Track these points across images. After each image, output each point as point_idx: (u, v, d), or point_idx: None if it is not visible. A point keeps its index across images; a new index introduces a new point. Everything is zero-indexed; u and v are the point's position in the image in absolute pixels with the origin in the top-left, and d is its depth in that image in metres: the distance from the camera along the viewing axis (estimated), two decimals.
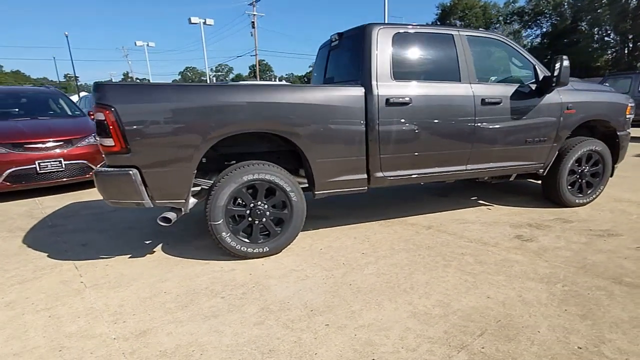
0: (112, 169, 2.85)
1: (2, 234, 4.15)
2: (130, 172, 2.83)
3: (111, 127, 2.72)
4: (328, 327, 2.26)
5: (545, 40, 37.30)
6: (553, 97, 3.97)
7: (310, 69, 30.84)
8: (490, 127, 3.77)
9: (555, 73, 3.66)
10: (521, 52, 3.98)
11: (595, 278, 2.76)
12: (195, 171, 3.02)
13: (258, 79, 41.20)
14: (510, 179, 4.41)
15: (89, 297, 2.69)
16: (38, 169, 5.49)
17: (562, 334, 2.13)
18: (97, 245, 3.74)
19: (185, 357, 2.03)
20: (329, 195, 3.52)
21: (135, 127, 2.77)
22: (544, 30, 38.43)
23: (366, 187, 3.58)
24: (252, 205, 3.18)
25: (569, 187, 4.32)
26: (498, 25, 41.82)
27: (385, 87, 3.38)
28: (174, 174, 2.94)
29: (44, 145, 5.60)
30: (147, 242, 3.78)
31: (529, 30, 40.66)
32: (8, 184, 5.39)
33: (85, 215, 4.72)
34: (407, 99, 3.42)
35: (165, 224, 3.07)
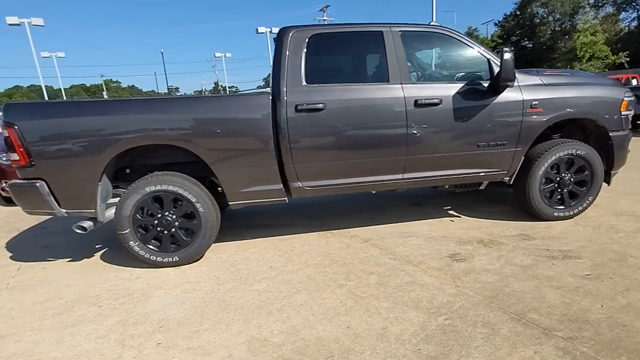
0: (21, 181, 3.08)
1: (1, 233, 4.71)
2: (37, 184, 3.03)
3: (14, 143, 2.94)
4: (157, 347, 2.21)
5: None
6: (511, 94, 3.42)
7: None
8: (428, 131, 3.37)
9: (497, 69, 3.15)
10: (472, 45, 3.49)
11: (495, 311, 2.33)
12: (100, 182, 3.13)
13: None
14: (481, 187, 3.90)
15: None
16: None
17: None
18: (56, 247, 4.06)
19: None
20: (245, 205, 3.43)
21: (36, 142, 2.96)
22: None
23: (286, 198, 3.42)
24: (159, 215, 3.22)
25: (546, 198, 3.70)
26: (588, 9, 37.18)
27: (296, 93, 3.19)
28: (77, 185, 3.09)
29: None
30: (98, 246, 4.02)
31: (623, 12, 35.64)
32: None
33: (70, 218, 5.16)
34: (320, 105, 3.19)
35: (81, 232, 3.23)
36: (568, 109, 3.49)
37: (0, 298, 2.96)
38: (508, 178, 3.69)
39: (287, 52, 3.23)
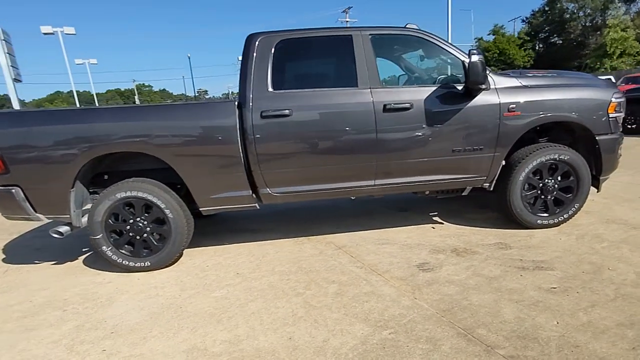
0: None
1: (4, 235, 4.93)
2: (13, 190, 3.15)
3: None
4: (102, 353, 2.25)
5: None
6: (487, 97, 3.29)
7: None
8: (399, 136, 3.29)
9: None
10: (448, 48, 3.38)
11: (444, 326, 2.25)
12: (73, 189, 3.21)
13: None
14: (464, 194, 3.77)
15: None
16: None
17: None
18: (47, 250, 4.21)
19: None
20: (217, 211, 3.46)
21: (10, 150, 3.07)
22: None
23: (256, 204, 3.42)
24: (131, 221, 3.28)
25: (529, 205, 3.54)
26: (619, 4, 35.49)
27: (262, 99, 3.19)
28: (50, 191, 3.18)
29: None
30: (84, 249, 4.13)
31: None
32: None
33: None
34: (287, 111, 3.17)
35: (57, 236, 3.33)
36: (548, 112, 3.33)
37: None
38: (488, 184, 3.56)
39: (254, 59, 3.23)
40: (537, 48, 43.18)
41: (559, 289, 2.55)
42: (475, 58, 2.97)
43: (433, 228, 3.90)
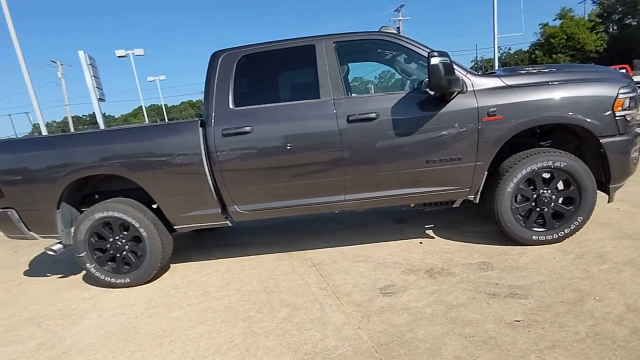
0: None
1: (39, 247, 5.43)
2: (8, 212, 3.44)
3: None
4: None
5: None
6: (463, 101, 2.97)
7: (472, 63, 28.53)
8: (365, 149, 3.09)
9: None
10: (418, 51, 3.10)
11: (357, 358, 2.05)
12: (59, 210, 3.42)
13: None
14: (455, 205, 3.46)
15: None
16: None
17: None
18: (63, 263, 4.52)
19: None
20: (191, 229, 3.51)
21: (2, 175, 3.36)
22: None
23: (227, 222, 3.41)
24: (111, 239, 3.44)
25: (523, 218, 3.15)
26: None
27: (223, 117, 3.16)
28: (38, 212, 3.43)
29: None
30: None
31: None
32: None
33: None
34: (247, 127, 3.11)
35: (52, 254, 3.59)
36: (536, 114, 2.93)
37: None
38: (473, 196, 3.22)
39: (216, 77, 3.22)
40: (610, 31, 38.79)
41: (523, 323, 2.21)
42: (435, 60, 2.69)
43: (420, 243, 3.62)
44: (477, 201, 3.24)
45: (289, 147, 3.14)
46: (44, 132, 13.02)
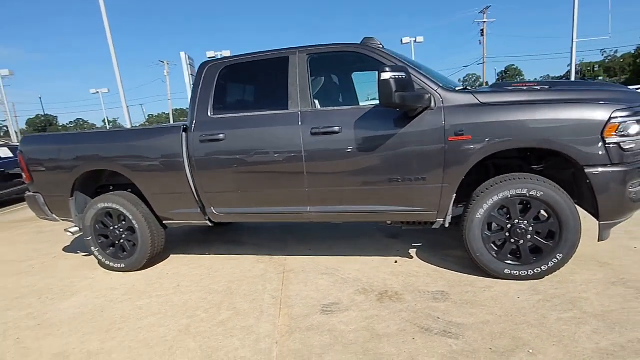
0: (29, 193, 4.13)
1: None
2: (36, 196, 4.04)
3: (21, 164, 3.99)
4: (15, 340, 2.77)
5: None
6: (429, 119, 2.78)
7: (568, 67, 26.19)
8: (327, 163, 3.05)
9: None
10: (392, 64, 2.95)
11: None
12: (72, 198, 3.92)
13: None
14: (434, 227, 3.26)
15: None
16: None
17: None
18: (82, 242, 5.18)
19: None
20: (178, 225, 3.78)
21: (32, 164, 3.94)
22: None
23: (207, 221, 3.61)
24: (110, 227, 3.86)
25: (494, 249, 2.87)
26: None
27: (202, 124, 3.35)
28: (56, 198, 3.97)
29: None
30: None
31: None
32: None
33: None
34: (221, 135, 3.26)
35: (70, 235, 4.14)
36: (509, 137, 2.63)
37: (9, 280, 4.04)
38: (442, 219, 3.00)
39: (200, 86, 3.41)
40: None
41: None
42: (385, 76, 2.55)
43: (396, 262, 3.48)
44: (447, 225, 3.02)
45: (256, 156, 3.22)
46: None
